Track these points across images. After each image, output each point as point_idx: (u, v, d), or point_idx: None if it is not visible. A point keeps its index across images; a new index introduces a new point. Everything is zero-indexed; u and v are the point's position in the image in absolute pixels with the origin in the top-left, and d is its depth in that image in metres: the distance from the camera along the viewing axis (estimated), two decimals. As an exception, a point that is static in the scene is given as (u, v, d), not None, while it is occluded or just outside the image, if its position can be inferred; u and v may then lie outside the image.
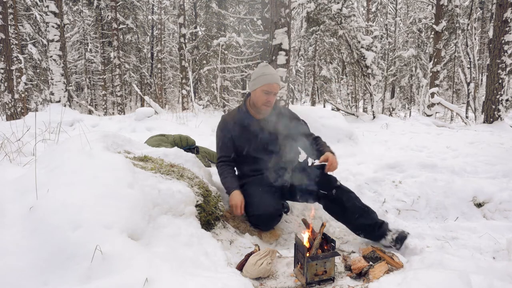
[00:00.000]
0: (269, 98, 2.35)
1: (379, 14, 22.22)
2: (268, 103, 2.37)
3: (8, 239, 1.49)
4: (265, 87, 2.33)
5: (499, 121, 7.81)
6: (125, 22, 19.49)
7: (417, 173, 3.38)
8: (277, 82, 2.36)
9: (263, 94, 2.35)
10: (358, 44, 8.40)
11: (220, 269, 1.78)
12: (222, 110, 11.28)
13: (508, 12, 7.43)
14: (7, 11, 9.54)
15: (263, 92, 2.34)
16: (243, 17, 11.37)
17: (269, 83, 2.33)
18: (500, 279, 1.67)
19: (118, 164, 1.96)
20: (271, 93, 2.34)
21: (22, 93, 12.05)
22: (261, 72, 2.37)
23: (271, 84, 2.33)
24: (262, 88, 2.34)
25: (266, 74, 2.34)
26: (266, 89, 2.33)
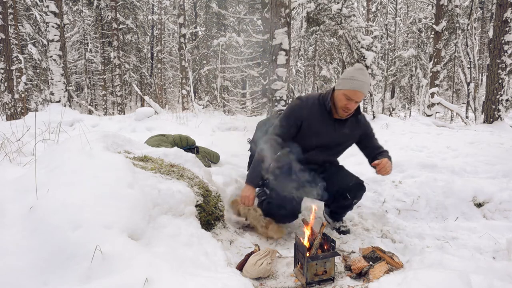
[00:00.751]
0: (349, 105, 2.20)
1: (379, 14, 22.22)
2: (347, 109, 2.23)
3: (8, 239, 1.49)
4: (348, 92, 2.18)
5: (499, 121, 7.81)
6: (125, 22, 19.48)
7: (417, 173, 3.38)
8: (363, 91, 2.17)
9: (344, 98, 2.20)
10: (358, 44, 8.40)
11: (220, 269, 1.78)
12: (222, 110, 11.28)
13: (508, 12, 7.43)
14: (7, 11, 9.54)
15: (345, 96, 2.20)
16: (243, 17, 11.38)
17: (353, 90, 2.16)
18: (500, 279, 1.67)
19: (118, 164, 1.96)
20: (352, 100, 2.19)
21: (22, 93, 12.05)
22: (350, 75, 2.20)
23: (355, 91, 2.16)
24: (345, 92, 2.19)
25: (354, 79, 2.17)
26: (348, 94, 2.18)
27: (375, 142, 2.49)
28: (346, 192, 2.38)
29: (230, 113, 11.41)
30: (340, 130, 2.37)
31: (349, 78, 2.19)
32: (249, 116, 9.31)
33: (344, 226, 2.57)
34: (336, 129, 2.36)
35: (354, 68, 2.25)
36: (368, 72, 2.29)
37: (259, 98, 11.10)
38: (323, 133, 2.36)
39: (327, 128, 2.35)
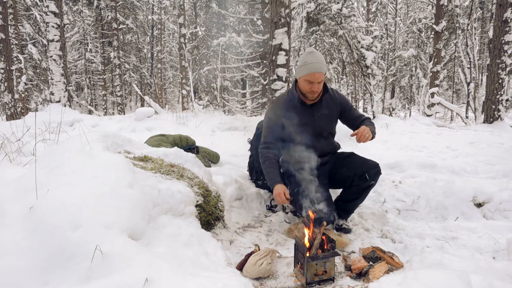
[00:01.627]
0: (313, 87, 2.30)
1: (379, 14, 22.21)
2: (313, 92, 2.33)
3: (8, 239, 1.49)
4: (307, 77, 2.28)
5: (499, 121, 7.81)
6: (125, 22, 19.48)
7: (417, 173, 3.38)
8: (320, 70, 2.27)
9: (306, 83, 2.31)
10: (358, 44, 8.40)
11: (220, 269, 1.78)
12: (222, 110, 11.28)
13: (508, 12, 7.42)
14: (7, 11, 9.54)
15: (306, 81, 2.30)
16: (243, 17, 11.38)
17: (311, 73, 2.26)
18: (500, 279, 1.67)
19: (118, 164, 1.96)
20: (314, 82, 2.29)
21: (22, 93, 12.05)
22: (303, 61, 2.31)
23: (312, 73, 2.26)
24: (305, 78, 2.30)
25: (308, 63, 2.28)
26: (308, 79, 2.28)
27: (354, 113, 2.56)
28: (366, 173, 2.39)
29: (230, 113, 11.41)
30: (320, 112, 2.45)
31: (303, 64, 2.30)
32: (249, 116, 9.30)
33: (347, 225, 2.58)
34: (315, 113, 2.45)
35: (305, 53, 2.36)
36: (318, 52, 2.36)
37: (259, 98, 11.10)
38: (305, 122, 2.43)
39: (307, 116, 2.44)
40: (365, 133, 2.26)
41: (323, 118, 2.47)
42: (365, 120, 2.52)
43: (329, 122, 2.52)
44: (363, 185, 2.45)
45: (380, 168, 2.47)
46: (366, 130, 2.27)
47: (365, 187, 2.47)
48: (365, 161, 2.49)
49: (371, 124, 2.47)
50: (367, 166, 2.44)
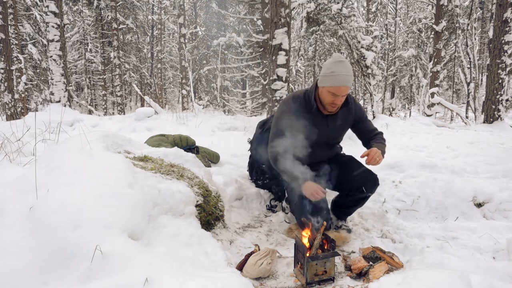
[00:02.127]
0: (336, 100, 2.12)
1: (379, 14, 22.21)
2: (334, 104, 2.16)
3: (8, 239, 1.49)
4: (332, 89, 2.08)
5: (499, 121, 7.80)
6: (125, 22, 19.47)
7: (417, 173, 3.38)
8: (347, 84, 2.07)
9: (329, 95, 2.12)
10: (358, 44, 8.40)
11: (220, 269, 1.78)
12: (222, 110, 11.28)
13: (508, 12, 7.42)
14: (7, 11, 9.53)
15: (329, 93, 2.11)
16: (243, 17, 11.37)
17: (337, 86, 2.06)
18: (500, 279, 1.67)
19: (118, 164, 1.96)
20: (338, 96, 2.10)
21: (22, 93, 12.05)
22: (330, 70, 2.08)
23: (339, 87, 2.06)
24: (329, 89, 2.10)
25: (335, 74, 2.06)
26: (333, 91, 2.09)
27: (367, 126, 2.45)
28: (362, 185, 2.33)
29: (230, 113, 11.41)
30: (334, 124, 2.33)
31: (330, 74, 2.09)
32: (249, 116, 9.30)
33: (346, 226, 2.57)
34: (329, 124, 2.32)
35: (333, 61, 2.13)
36: (347, 61, 2.16)
37: (259, 98, 11.10)
38: (316, 132, 2.29)
39: (320, 125, 2.30)
40: (376, 156, 2.15)
41: (336, 129, 2.37)
42: (377, 136, 2.42)
43: (340, 132, 2.44)
44: (360, 196, 2.41)
45: (377, 180, 2.41)
46: (377, 154, 2.16)
47: (362, 197, 2.43)
48: (363, 172, 2.38)
49: (382, 141, 2.38)
50: (365, 178, 2.36)
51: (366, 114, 2.49)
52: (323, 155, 2.46)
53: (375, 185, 2.41)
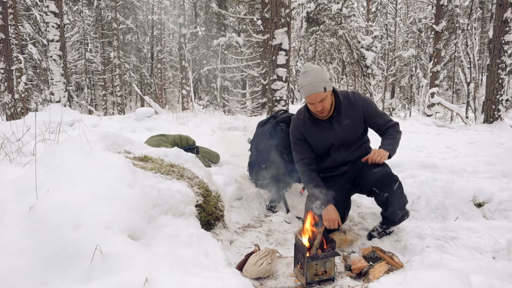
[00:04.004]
0: (316, 107, 2.23)
1: (379, 14, 22.22)
2: (318, 111, 2.26)
3: (8, 239, 1.49)
4: (307, 99, 2.24)
5: (499, 121, 7.81)
6: (125, 22, 19.48)
7: (417, 173, 3.38)
8: (316, 91, 2.16)
9: (310, 105, 2.26)
10: (358, 44, 8.40)
11: (220, 269, 1.78)
12: (222, 110, 11.29)
13: (508, 12, 7.42)
14: (7, 11, 9.53)
15: (309, 103, 2.26)
16: (243, 17, 11.37)
17: (308, 96, 2.20)
18: (500, 279, 1.67)
19: (118, 164, 1.96)
20: (315, 103, 2.21)
21: (22, 93, 12.05)
22: (299, 83, 2.26)
23: (309, 96, 2.20)
24: (306, 100, 2.26)
25: (302, 86, 2.22)
26: (308, 100, 2.23)
27: (380, 119, 2.41)
28: (373, 187, 2.28)
29: (230, 113, 11.41)
30: (340, 124, 2.34)
31: (300, 87, 2.26)
32: (249, 116, 9.30)
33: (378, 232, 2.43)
34: (335, 126, 2.34)
35: (300, 74, 2.28)
36: (314, 68, 2.22)
37: (259, 98, 11.10)
38: (324, 137, 2.37)
39: (326, 130, 2.36)
40: (375, 157, 2.22)
41: (345, 129, 2.35)
42: (389, 129, 2.40)
43: (353, 130, 2.39)
44: (380, 199, 2.31)
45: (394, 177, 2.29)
46: (375, 154, 2.23)
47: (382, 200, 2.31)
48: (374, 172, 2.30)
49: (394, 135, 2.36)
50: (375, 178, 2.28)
51: (375, 106, 2.44)
52: (343, 158, 2.44)
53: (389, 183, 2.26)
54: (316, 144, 2.40)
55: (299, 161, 2.41)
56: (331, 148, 2.40)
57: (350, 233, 2.44)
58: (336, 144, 2.38)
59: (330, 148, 2.40)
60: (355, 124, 2.37)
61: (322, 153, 2.44)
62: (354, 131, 2.40)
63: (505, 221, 2.74)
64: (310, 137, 2.39)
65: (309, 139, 2.39)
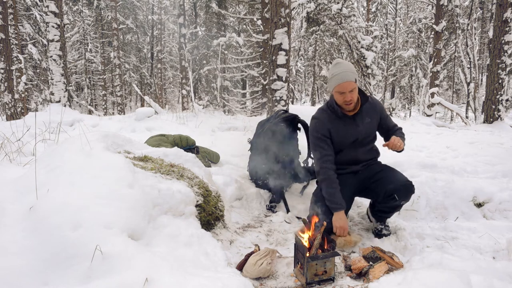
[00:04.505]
0: (345, 97, 2.26)
1: (379, 14, 22.22)
2: (347, 102, 2.28)
3: (8, 239, 1.49)
4: (337, 88, 2.26)
5: (499, 121, 7.80)
6: (125, 22, 19.49)
7: (417, 173, 3.38)
8: (349, 79, 2.22)
9: (338, 95, 2.29)
10: (358, 44, 8.40)
11: (220, 269, 1.78)
12: (222, 110, 11.28)
13: (508, 12, 7.42)
14: (7, 11, 9.53)
15: (338, 93, 2.28)
16: (243, 17, 11.37)
17: (340, 84, 2.23)
18: (500, 279, 1.66)
19: (118, 164, 1.96)
20: (345, 92, 2.24)
21: (22, 93, 12.04)
22: (331, 74, 2.30)
23: (341, 84, 2.23)
24: (335, 90, 2.28)
25: (335, 74, 2.26)
26: (338, 90, 2.26)
27: (389, 123, 2.53)
28: (395, 193, 2.31)
29: (230, 113, 11.41)
30: (362, 122, 2.41)
31: (331, 77, 2.29)
32: (249, 116, 9.30)
33: (386, 229, 2.50)
34: (358, 123, 2.41)
35: (332, 65, 2.35)
36: (345, 61, 2.35)
37: (259, 98, 11.10)
38: (350, 133, 2.41)
39: (350, 126, 2.41)
40: (396, 142, 2.28)
41: (367, 127, 2.44)
42: (397, 130, 2.52)
43: (372, 129, 2.48)
44: (393, 204, 2.36)
45: (413, 187, 2.35)
46: (397, 140, 2.29)
47: (395, 205, 2.38)
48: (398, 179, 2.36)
49: (401, 135, 2.47)
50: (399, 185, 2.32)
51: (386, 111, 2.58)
52: (357, 155, 2.49)
53: (409, 192, 2.35)
54: (341, 139, 2.41)
55: (322, 158, 2.39)
56: (351, 145, 2.44)
57: (353, 234, 2.44)
58: (358, 140, 2.43)
59: (351, 144, 2.43)
60: (373, 123, 2.47)
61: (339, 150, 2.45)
62: (373, 129, 2.49)
63: (505, 221, 2.74)
64: (336, 133, 2.40)
65: (334, 134, 2.40)
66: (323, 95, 17.98)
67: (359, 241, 2.38)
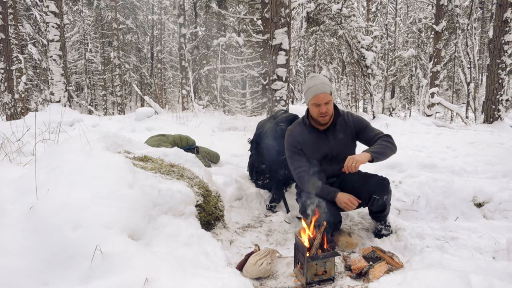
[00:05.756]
0: (321, 109, 2.31)
1: (379, 14, 22.21)
2: (322, 114, 2.33)
3: (8, 239, 1.49)
4: (313, 100, 2.32)
5: (499, 121, 7.81)
6: (125, 22, 19.49)
7: (417, 173, 3.38)
8: (324, 91, 2.29)
9: (313, 107, 2.34)
10: (358, 44, 8.40)
11: (220, 269, 1.78)
12: (222, 110, 11.29)
13: (508, 12, 7.42)
14: (7, 11, 9.53)
15: (313, 105, 2.34)
16: (243, 17, 11.37)
17: (315, 95, 2.29)
18: (500, 279, 1.66)
19: (118, 164, 1.96)
20: (320, 104, 2.30)
21: (22, 93, 12.04)
22: (307, 86, 2.37)
23: (317, 95, 2.29)
24: (311, 102, 2.33)
25: (310, 86, 2.33)
26: (314, 102, 2.32)
27: (370, 134, 2.48)
28: (373, 194, 2.33)
29: (230, 113, 11.41)
30: (335, 137, 2.45)
31: (307, 89, 2.36)
32: (249, 116, 9.31)
33: (386, 229, 2.50)
34: (330, 138, 2.45)
35: (308, 79, 2.43)
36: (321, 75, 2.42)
37: (259, 98, 11.10)
38: (319, 147, 2.44)
39: (320, 141, 2.45)
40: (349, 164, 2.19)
41: (339, 142, 2.45)
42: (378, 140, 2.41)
43: (345, 145, 2.48)
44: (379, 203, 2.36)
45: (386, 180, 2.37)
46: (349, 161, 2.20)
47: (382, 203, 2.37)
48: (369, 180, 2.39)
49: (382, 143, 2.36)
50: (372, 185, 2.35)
51: (367, 123, 2.52)
52: (333, 170, 2.48)
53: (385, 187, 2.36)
54: (310, 154, 2.45)
55: (297, 168, 2.43)
56: (324, 160, 2.46)
57: (354, 236, 2.44)
58: (329, 156, 2.46)
59: (323, 159, 2.46)
60: (348, 140, 2.48)
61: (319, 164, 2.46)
62: (346, 146, 2.49)
63: (505, 221, 2.74)
64: (305, 147, 2.45)
65: (304, 149, 2.45)
66: (323, 95, 17.87)
67: (359, 243, 2.39)
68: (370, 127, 2.51)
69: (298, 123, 2.56)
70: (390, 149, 2.34)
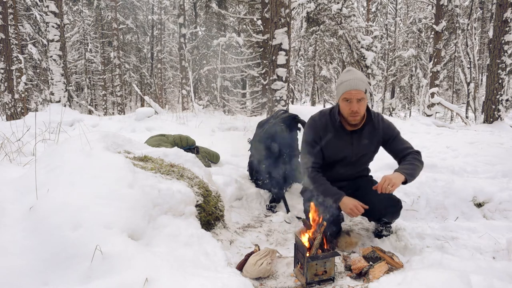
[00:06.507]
0: (352, 107, 2.10)
1: (379, 14, 22.22)
2: (353, 112, 2.12)
3: (8, 239, 1.49)
4: (344, 95, 2.12)
5: (499, 121, 7.81)
6: (125, 22, 19.49)
7: (417, 173, 3.37)
8: (357, 87, 2.08)
9: (345, 103, 2.13)
10: (358, 44, 8.40)
11: (220, 269, 1.78)
12: (222, 110, 11.28)
13: (508, 12, 7.42)
14: (7, 11, 9.53)
15: (344, 100, 2.13)
16: (243, 17, 11.37)
17: (347, 91, 2.10)
18: (500, 279, 1.66)
19: (118, 164, 1.96)
20: (352, 100, 2.09)
21: (22, 93, 12.04)
22: (340, 81, 2.17)
23: (349, 91, 2.09)
24: (343, 97, 2.14)
25: (344, 81, 2.13)
26: (345, 97, 2.11)
27: (399, 145, 2.32)
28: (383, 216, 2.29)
29: (230, 113, 11.41)
30: (359, 142, 2.28)
31: (340, 84, 2.17)
32: (249, 116, 9.30)
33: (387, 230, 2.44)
34: (354, 142, 2.27)
35: (342, 72, 2.24)
36: (356, 70, 2.21)
37: (259, 98, 11.10)
38: (340, 148, 2.28)
39: (343, 142, 2.27)
40: (385, 185, 2.04)
41: (362, 148, 2.30)
42: (408, 155, 2.26)
43: (366, 151, 2.33)
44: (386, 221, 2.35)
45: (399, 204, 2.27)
46: (386, 182, 2.04)
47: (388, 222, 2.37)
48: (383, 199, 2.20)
49: (413, 161, 2.21)
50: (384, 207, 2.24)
51: (397, 133, 2.35)
52: (346, 174, 2.38)
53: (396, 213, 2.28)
54: (330, 153, 2.29)
55: (308, 164, 2.28)
56: (340, 162, 2.32)
57: (354, 235, 2.44)
58: (347, 159, 2.31)
59: (340, 161, 2.32)
60: (371, 147, 2.32)
61: (329, 164, 2.35)
62: (368, 152, 2.35)
63: (505, 221, 2.74)
64: (326, 144, 2.27)
65: (324, 145, 2.27)
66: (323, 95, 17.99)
67: (359, 242, 2.39)
68: (399, 137, 2.34)
69: (324, 115, 2.32)
70: (420, 169, 2.22)
